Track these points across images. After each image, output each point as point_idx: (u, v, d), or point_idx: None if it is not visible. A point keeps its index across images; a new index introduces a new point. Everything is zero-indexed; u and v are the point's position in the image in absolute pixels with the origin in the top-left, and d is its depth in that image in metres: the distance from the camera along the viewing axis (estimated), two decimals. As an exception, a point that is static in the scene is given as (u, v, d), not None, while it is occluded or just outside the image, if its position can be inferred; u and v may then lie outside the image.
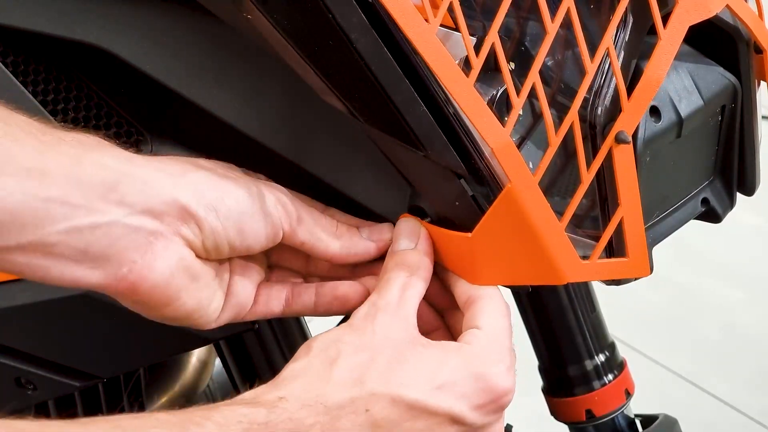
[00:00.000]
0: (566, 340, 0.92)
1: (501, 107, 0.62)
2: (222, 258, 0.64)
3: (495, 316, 0.64)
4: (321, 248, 0.66)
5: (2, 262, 0.58)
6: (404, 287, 0.64)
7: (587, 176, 0.63)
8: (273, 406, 0.56)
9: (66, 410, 1.00)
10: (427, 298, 0.67)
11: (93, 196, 0.58)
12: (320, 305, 0.68)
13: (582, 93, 0.61)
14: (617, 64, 0.62)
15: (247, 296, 0.66)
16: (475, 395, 0.61)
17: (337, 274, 0.70)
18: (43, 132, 0.58)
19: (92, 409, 1.02)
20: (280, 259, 0.70)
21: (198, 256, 0.62)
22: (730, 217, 0.76)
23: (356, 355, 0.60)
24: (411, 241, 0.66)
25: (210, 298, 0.63)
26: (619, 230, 0.65)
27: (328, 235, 0.67)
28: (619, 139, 0.63)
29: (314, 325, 0.85)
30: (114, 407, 1.06)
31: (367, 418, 0.58)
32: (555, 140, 0.61)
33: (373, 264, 0.69)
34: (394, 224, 0.68)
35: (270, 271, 0.70)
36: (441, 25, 0.59)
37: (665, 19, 0.64)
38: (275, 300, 0.68)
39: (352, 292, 0.68)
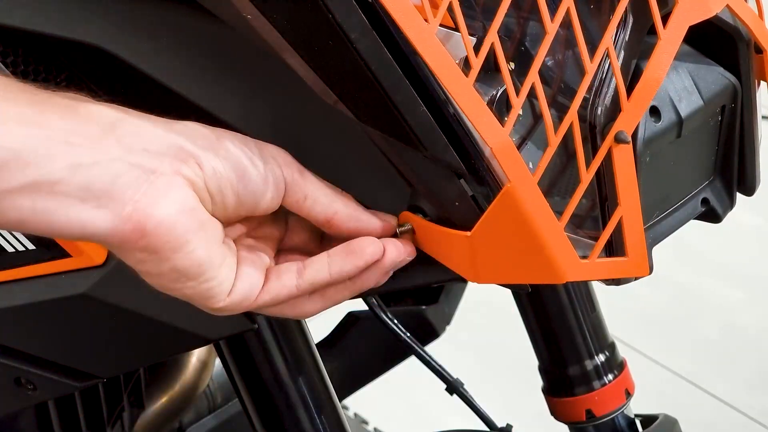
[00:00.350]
0: (566, 340, 0.92)
1: (501, 107, 0.62)
2: (228, 214, 0.63)
3: None
4: (323, 202, 0.65)
5: (8, 210, 0.58)
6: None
7: (587, 176, 0.63)
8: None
9: (66, 410, 1.00)
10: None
11: (93, 137, 0.59)
12: (335, 264, 0.66)
13: (582, 93, 0.61)
14: (617, 64, 0.62)
15: (259, 269, 0.65)
16: None
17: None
18: (35, 91, 0.59)
19: (92, 408, 1.02)
20: (288, 242, 0.69)
21: (203, 204, 0.61)
22: (730, 217, 0.76)
23: None
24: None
25: (220, 256, 0.62)
26: (619, 230, 0.65)
27: (333, 192, 0.66)
28: (618, 139, 0.63)
29: (314, 325, 0.85)
30: (114, 407, 1.06)
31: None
32: (554, 140, 0.61)
33: None
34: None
35: (277, 257, 0.69)
36: (441, 25, 0.59)
37: (665, 19, 0.64)
38: (287, 272, 0.66)
39: (369, 242, 0.65)
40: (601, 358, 0.92)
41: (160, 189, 0.59)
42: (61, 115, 0.59)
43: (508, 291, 0.76)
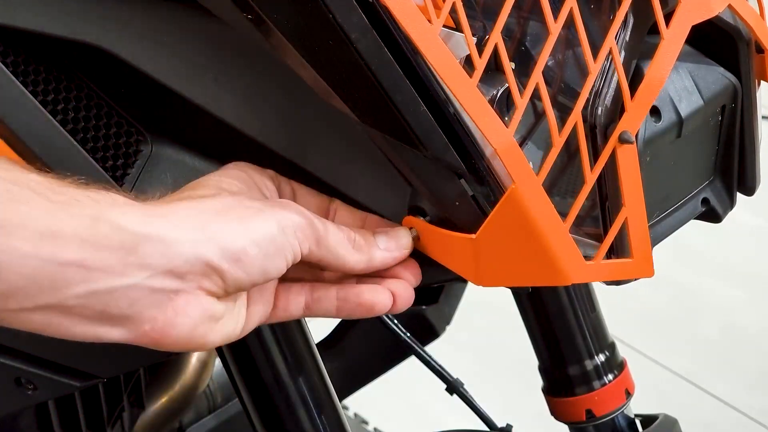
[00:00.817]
0: (566, 340, 0.92)
1: (501, 107, 0.62)
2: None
3: None
4: (339, 265, 0.65)
5: (21, 322, 0.57)
6: None
7: (591, 177, 0.63)
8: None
9: (66, 410, 1.00)
10: None
11: (112, 260, 0.56)
12: (343, 310, 0.66)
13: (585, 93, 0.61)
14: (621, 65, 0.62)
15: (266, 303, 0.65)
16: None
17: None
18: (55, 191, 0.57)
19: (92, 408, 1.02)
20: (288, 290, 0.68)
21: (220, 299, 0.61)
22: (730, 217, 0.76)
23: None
24: None
25: (234, 325, 0.63)
26: (623, 231, 0.65)
27: (346, 250, 0.65)
28: (622, 140, 0.63)
29: (314, 325, 0.85)
30: (114, 407, 1.06)
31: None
32: (559, 141, 0.61)
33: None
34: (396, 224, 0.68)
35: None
36: (442, 26, 0.59)
37: (667, 19, 0.64)
38: (294, 304, 0.66)
39: (379, 298, 0.66)
40: (601, 358, 0.92)
41: (179, 307, 0.58)
42: (81, 235, 0.56)
43: (508, 291, 0.76)
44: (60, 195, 0.57)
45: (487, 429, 0.99)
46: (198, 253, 0.58)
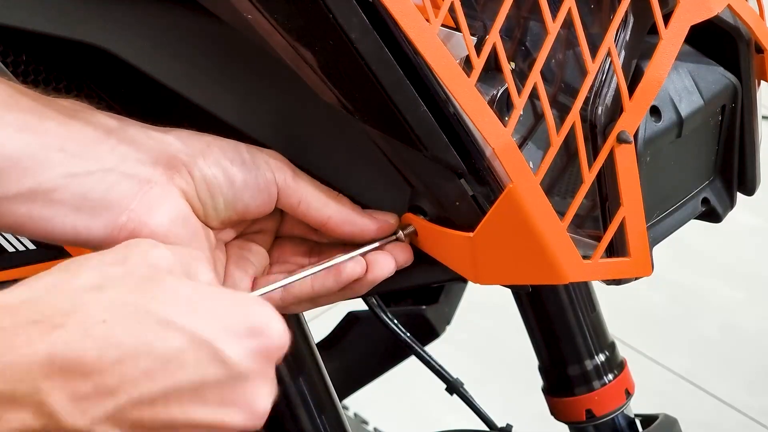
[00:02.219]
0: (566, 340, 0.92)
1: (501, 107, 0.62)
2: (220, 219, 0.64)
3: None
4: (317, 206, 0.65)
5: (5, 215, 0.58)
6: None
7: (589, 176, 0.63)
8: None
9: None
10: None
11: (88, 144, 0.59)
12: (316, 281, 0.65)
13: (583, 93, 0.61)
14: (619, 65, 0.62)
15: (245, 281, 0.66)
16: (243, 333, 0.52)
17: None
18: (36, 96, 0.60)
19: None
20: (282, 254, 0.69)
21: (195, 212, 0.62)
22: (730, 217, 0.76)
23: (107, 267, 0.52)
24: None
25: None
26: (621, 230, 0.65)
27: (327, 196, 0.65)
28: (620, 139, 0.63)
29: (314, 325, 0.85)
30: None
31: (103, 330, 0.48)
32: (557, 140, 0.61)
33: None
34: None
35: (270, 267, 0.69)
36: (441, 25, 0.59)
37: (666, 19, 0.64)
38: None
39: (350, 265, 0.64)
40: (601, 358, 0.92)
41: (154, 199, 0.60)
42: (59, 122, 0.59)
43: (508, 291, 0.76)
44: (42, 99, 0.60)
45: (487, 429, 0.99)
46: (163, 147, 0.61)
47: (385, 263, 0.66)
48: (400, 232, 0.67)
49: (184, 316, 0.50)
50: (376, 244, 0.66)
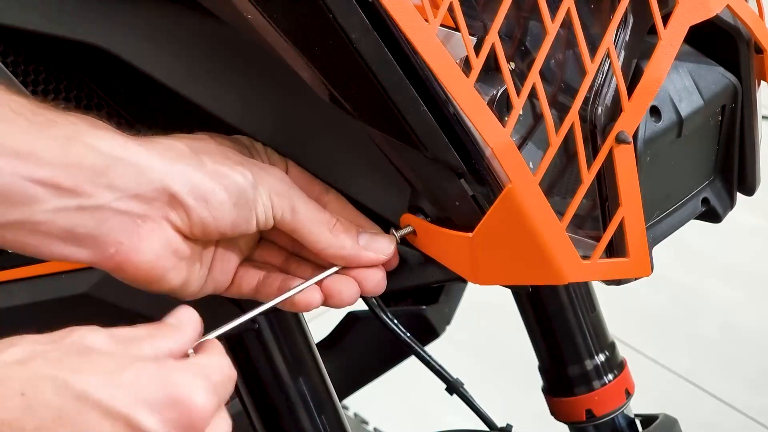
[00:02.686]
0: (566, 340, 0.92)
1: (501, 107, 0.62)
2: (210, 240, 0.64)
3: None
4: (310, 240, 0.65)
5: None
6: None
7: (588, 176, 0.63)
8: None
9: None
10: None
11: (82, 180, 0.58)
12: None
13: (582, 93, 0.61)
14: (618, 65, 0.62)
15: (227, 276, 0.66)
16: (162, 405, 0.52)
17: (324, 264, 0.68)
18: (35, 113, 0.58)
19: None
20: (262, 255, 0.69)
21: (185, 238, 0.62)
22: (730, 217, 0.76)
23: (35, 345, 0.52)
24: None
25: (195, 275, 0.64)
26: (620, 230, 0.65)
27: (320, 229, 0.65)
28: (619, 139, 0.63)
29: (314, 325, 0.85)
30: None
31: (21, 402, 0.49)
32: (556, 140, 0.61)
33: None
34: (396, 224, 0.68)
35: (257, 246, 0.69)
36: (441, 25, 0.59)
37: (666, 19, 0.64)
38: (246, 285, 0.67)
39: (305, 296, 0.65)
40: (601, 358, 0.92)
41: (144, 234, 0.60)
42: (55, 155, 0.57)
43: (508, 291, 0.76)
44: (39, 116, 0.58)
45: (487, 429, 0.99)
46: (166, 183, 0.60)
47: (346, 291, 0.66)
48: (398, 232, 0.67)
49: (102, 388, 0.51)
50: (318, 278, 0.66)
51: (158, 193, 0.60)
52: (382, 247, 0.67)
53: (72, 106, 0.71)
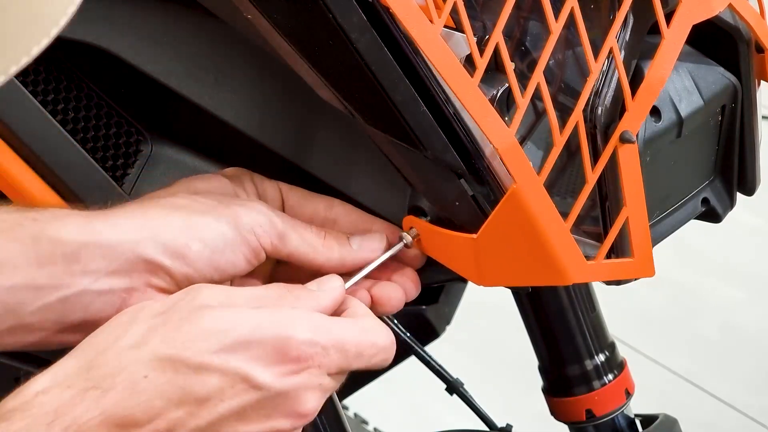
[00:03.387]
0: (566, 340, 0.92)
1: (501, 107, 0.62)
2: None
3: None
4: (306, 260, 0.66)
5: None
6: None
7: (592, 176, 0.63)
8: (8, 420, 0.54)
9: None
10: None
11: (57, 273, 0.59)
12: None
13: (586, 93, 0.61)
14: (622, 64, 0.62)
15: None
16: (270, 356, 0.57)
17: None
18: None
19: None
20: (283, 275, 0.69)
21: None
22: (730, 217, 0.76)
23: (151, 320, 0.57)
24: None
25: None
26: (623, 230, 0.65)
27: (313, 248, 0.65)
28: (623, 139, 0.63)
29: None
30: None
31: (147, 385, 0.55)
32: (560, 140, 0.61)
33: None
34: (396, 224, 0.68)
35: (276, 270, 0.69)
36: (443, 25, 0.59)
37: (668, 18, 0.64)
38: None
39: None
40: (601, 358, 0.92)
41: (132, 305, 0.60)
42: (25, 257, 0.58)
43: (508, 291, 0.76)
44: (3, 222, 0.59)
45: (487, 429, 0.99)
46: (137, 252, 0.60)
47: (395, 297, 0.67)
48: (407, 236, 0.67)
49: (215, 354, 0.55)
50: (386, 256, 0.66)
51: (133, 264, 0.60)
52: (374, 245, 0.67)
53: (72, 106, 0.71)
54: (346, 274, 0.66)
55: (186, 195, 0.65)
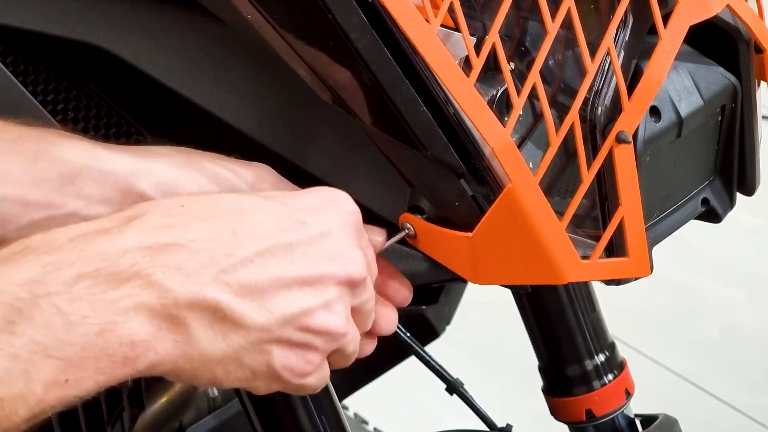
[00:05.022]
0: (566, 340, 0.92)
1: (501, 107, 0.62)
2: None
3: None
4: None
5: None
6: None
7: (588, 176, 0.63)
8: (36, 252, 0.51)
9: (66, 410, 1.00)
10: None
11: (50, 191, 0.59)
12: None
13: (583, 93, 0.61)
14: (618, 64, 0.62)
15: None
16: (317, 203, 0.58)
17: None
18: (1, 131, 0.59)
19: (92, 409, 1.02)
20: None
21: None
22: (730, 217, 0.76)
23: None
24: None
25: None
26: (620, 230, 0.65)
27: None
28: (619, 139, 0.63)
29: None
30: (114, 407, 1.05)
31: (192, 208, 0.54)
32: (556, 140, 0.61)
33: None
34: (396, 224, 0.68)
35: None
36: (441, 25, 0.59)
37: (666, 19, 0.64)
38: None
39: None
40: (601, 358, 0.92)
41: None
42: (22, 170, 0.58)
43: (508, 291, 0.76)
44: (6, 133, 0.59)
45: (487, 429, 0.99)
46: (131, 183, 0.60)
47: (387, 317, 0.68)
48: (409, 226, 0.67)
49: (264, 199, 0.56)
50: (389, 244, 0.66)
51: (125, 194, 0.60)
52: (374, 237, 0.66)
53: (72, 106, 0.71)
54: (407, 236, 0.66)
55: (200, 151, 0.65)
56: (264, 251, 0.54)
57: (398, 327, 0.97)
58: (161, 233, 0.52)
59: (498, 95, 0.62)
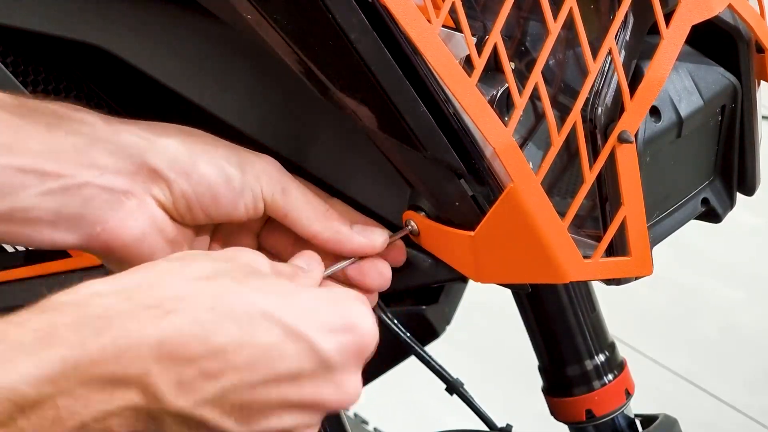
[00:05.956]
0: (566, 340, 0.92)
1: (501, 107, 0.62)
2: (199, 224, 0.64)
3: None
4: (303, 223, 0.65)
5: None
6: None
7: (590, 176, 0.63)
8: (60, 311, 0.50)
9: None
10: None
11: (64, 162, 0.59)
12: None
13: (584, 93, 0.61)
14: (620, 64, 0.62)
15: None
16: (338, 329, 0.56)
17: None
18: (16, 105, 0.60)
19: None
20: (268, 242, 0.69)
21: (173, 218, 0.62)
22: (730, 217, 0.76)
23: (216, 261, 0.56)
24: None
25: None
26: (622, 229, 0.65)
27: (315, 213, 0.65)
28: (622, 139, 0.63)
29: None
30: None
31: (211, 316, 0.52)
32: (557, 140, 0.61)
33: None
34: (396, 224, 0.68)
35: (262, 232, 0.69)
36: (442, 25, 0.59)
37: (667, 19, 0.64)
38: None
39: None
40: (601, 358, 0.92)
41: (129, 210, 0.61)
42: (39, 139, 0.59)
43: (508, 291, 0.76)
44: (21, 107, 0.60)
45: (487, 429, 0.99)
46: (145, 158, 0.61)
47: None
48: (413, 224, 0.67)
49: (284, 309, 0.54)
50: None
51: (138, 167, 0.61)
52: (374, 236, 0.67)
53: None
54: (360, 259, 0.66)
55: (211, 136, 0.65)
56: (271, 378, 0.54)
57: (398, 327, 0.97)
58: (182, 336, 0.51)
59: (498, 95, 0.62)
